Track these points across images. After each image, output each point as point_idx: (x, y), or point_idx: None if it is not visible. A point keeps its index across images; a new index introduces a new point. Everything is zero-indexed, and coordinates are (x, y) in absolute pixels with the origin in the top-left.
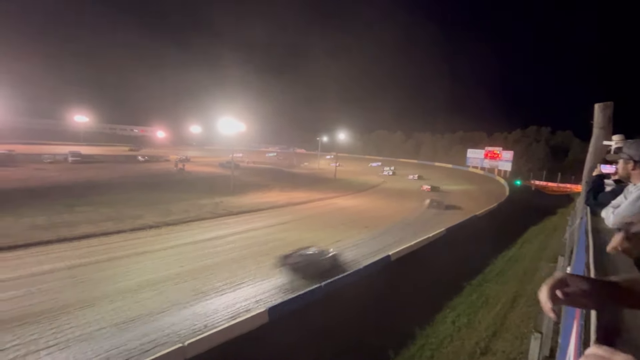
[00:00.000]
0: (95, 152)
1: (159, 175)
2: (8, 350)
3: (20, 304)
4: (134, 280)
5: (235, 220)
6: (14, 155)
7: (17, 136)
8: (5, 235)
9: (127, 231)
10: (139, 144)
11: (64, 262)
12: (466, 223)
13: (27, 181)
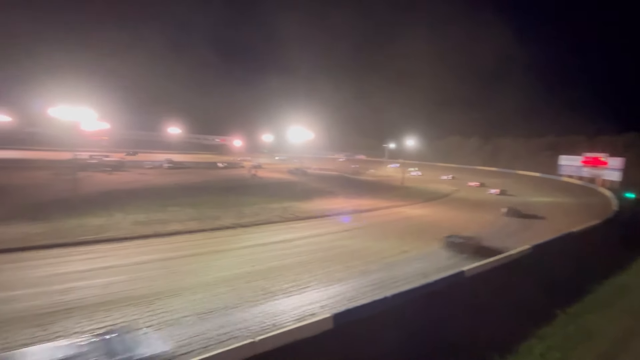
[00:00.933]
0: (184, 159)
1: (235, 180)
2: (117, 325)
3: (126, 288)
4: (212, 275)
5: (301, 225)
6: (124, 162)
7: (127, 146)
8: (117, 229)
9: (207, 230)
10: (219, 152)
11: (159, 255)
12: (559, 240)
13: (133, 184)
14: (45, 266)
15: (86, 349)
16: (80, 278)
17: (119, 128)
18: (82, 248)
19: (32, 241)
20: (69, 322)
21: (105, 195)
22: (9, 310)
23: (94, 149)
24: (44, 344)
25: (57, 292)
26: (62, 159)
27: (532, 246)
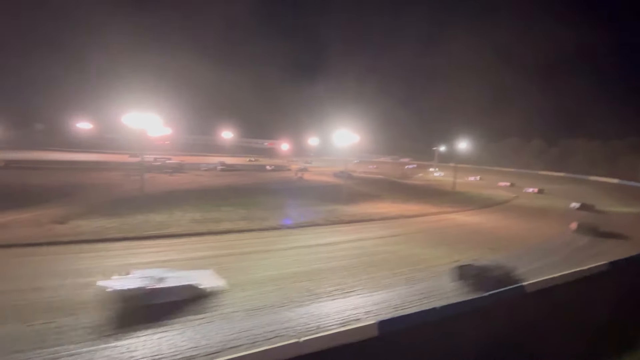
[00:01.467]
0: (236, 162)
1: (282, 183)
2: (175, 314)
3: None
4: (260, 274)
5: (346, 229)
6: (183, 164)
7: (186, 149)
8: (176, 226)
9: (256, 230)
10: (265, 155)
11: (212, 252)
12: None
13: (190, 184)
14: (116, 257)
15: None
16: (145, 269)
17: (180, 133)
18: (147, 242)
19: (106, 234)
20: (135, 309)
21: (166, 195)
22: (85, 295)
23: (158, 152)
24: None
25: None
26: (131, 162)
27: (610, 262)
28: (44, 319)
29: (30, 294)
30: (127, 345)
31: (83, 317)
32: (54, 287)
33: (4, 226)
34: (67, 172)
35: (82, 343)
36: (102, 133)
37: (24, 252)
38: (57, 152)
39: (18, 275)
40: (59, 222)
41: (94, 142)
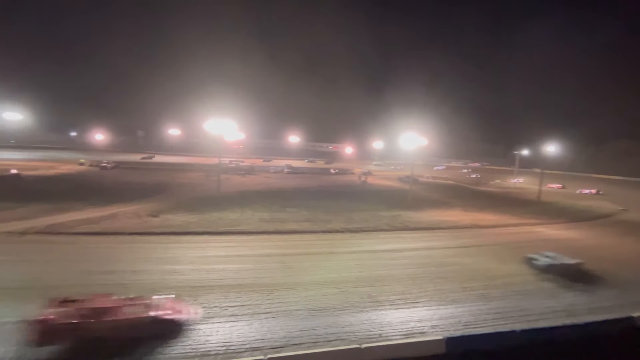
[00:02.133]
0: (301, 165)
1: (345, 186)
2: (245, 307)
3: (252, 275)
4: (322, 275)
5: (411, 236)
6: (254, 167)
7: (257, 152)
8: (247, 224)
9: (319, 232)
10: (330, 159)
11: (278, 250)
12: None
13: (259, 186)
14: (197, 248)
15: None
16: (219, 262)
17: (252, 137)
18: (221, 237)
19: (189, 227)
20: (210, 297)
21: (239, 195)
22: (172, 280)
23: (233, 156)
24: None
25: (204, 270)
26: (210, 164)
27: None
28: None
29: (130, 275)
30: (203, 330)
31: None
32: (148, 271)
33: (113, 217)
34: (160, 172)
35: None
36: (188, 138)
37: (126, 240)
38: (154, 154)
39: (122, 259)
40: (153, 215)
41: (181, 146)
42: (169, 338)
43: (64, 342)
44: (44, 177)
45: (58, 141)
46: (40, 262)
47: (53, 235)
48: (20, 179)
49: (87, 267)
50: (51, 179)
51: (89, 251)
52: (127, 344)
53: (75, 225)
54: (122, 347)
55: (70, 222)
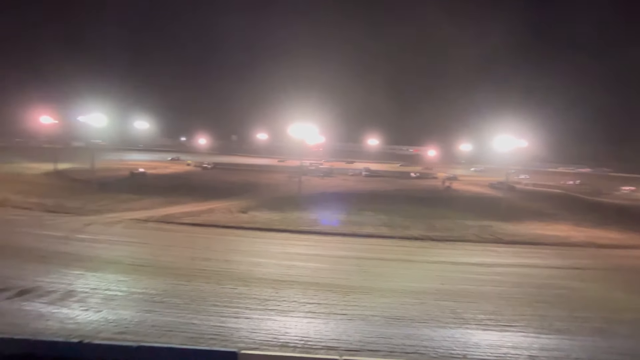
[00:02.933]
0: (380, 168)
1: (427, 191)
2: (321, 305)
3: (328, 275)
4: (399, 283)
5: (505, 250)
6: (333, 169)
7: (336, 155)
8: (316, 225)
9: (397, 238)
10: (412, 162)
11: (354, 253)
12: None
13: (337, 188)
14: (279, 245)
15: None
16: (299, 259)
17: (331, 140)
18: (301, 235)
19: (273, 225)
20: (290, 292)
21: (318, 196)
22: (257, 272)
23: (313, 158)
24: None
25: (284, 266)
26: (292, 166)
27: None
28: (232, 285)
29: (223, 264)
30: (283, 322)
31: (256, 289)
32: (237, 262)
33: (210, 211)
34: (249, 173)
35: (254, 310)
36: (273, 142)
37: (220, 232)
38: (244, 157)
39: (217, 249)
40: (242, 211)
41: (267, 149)
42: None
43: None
44: (161, 175)
45: (172, 145)
46: (157, 245)
47: (166, 224)
48: (145, 176)
49: (190, 253)
50: (166, 177)
51: (191, 239)
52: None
53: (182, 216)
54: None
55: (179, 214)
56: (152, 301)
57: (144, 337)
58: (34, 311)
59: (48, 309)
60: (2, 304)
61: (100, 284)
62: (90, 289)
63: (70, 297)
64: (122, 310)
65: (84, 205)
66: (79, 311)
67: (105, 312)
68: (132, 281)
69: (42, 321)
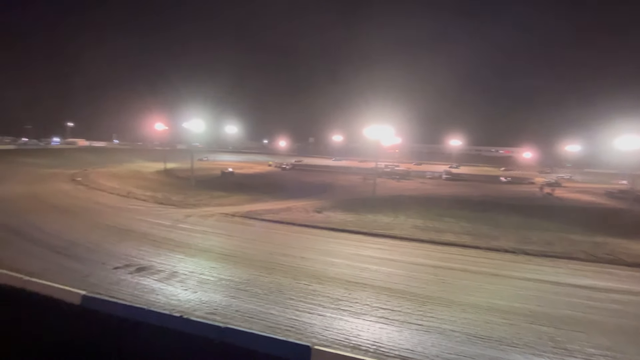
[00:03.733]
0: (463, 171)
1: (521, 198)
2: (395, 312)
3: (403, 282)
4: (485, 299)
5: (627, 274)
6: (409, 171)
7: (413, 157)
8: (399, 229)
9: (482, 248)
10: (502, 165)
11: (431, 261)
12: None
13: (414, 191)
14: (352, 246)
15: None
16: (372, 262)
17: (407, 141)
18: (374, 238)
19: (347, 226)
20: (362, 294)
21: (393, 199)
22: (330, 271)
23: (388, 160)
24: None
25: (357, 268)
26: (367, 167)
27: None
28: (306, 281)
29: (299, 260)
30: (355, 324)
31: (330, 288)
32: (312, 260)
33: (288, 209)
34: (325, 174)
35: (327, 308)
36: (349, 143)
37: (297, 230)
38: (320, 158)
39: (293, 245)
40: (317, 211)
41: (343, 151)
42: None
43: None
44: (246, 174)
45: (256, 147)
46: (242, 238)
47: (249, 219)
48: (233, 175)
49: (269, 248)
50: (250, 176)
51: (271, 235)
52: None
53: (264, 213)
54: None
55: (261, 211)
56: (236, 288)
57: (230, 320)
58: (148, 286)
59: (158, 285)
60: (126, 276)
61: (196, 268)
62: (188, 272)
63: (173, 277)
64: (212, 293)
65: (185, 199)
66: (180, 290)
67: (199, 294)
68: (221, 268)
69: (153, 295)
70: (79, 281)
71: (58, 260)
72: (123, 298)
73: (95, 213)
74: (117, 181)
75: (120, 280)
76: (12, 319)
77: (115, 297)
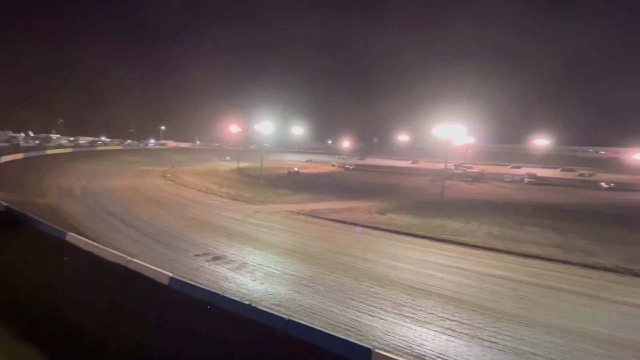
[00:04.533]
0: (549, 175)
1: (630, 208)
2: (464, 325)
3: (474, 293)
4: (577, 323)
5: None
6: (484, 173)
7: (488, 158)
8: (471, 236)
9: (575, 264)
10: (605, 168)
11: (509, 273)
12: None
13: (490, 195)
14: (417, 251)
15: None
16: (438, 269)
17: (482, 141)
18: (442, 244)
19: (411, 229)
20: (427, 302)
21: (464, 203)
22: (393, 275)
23: (459, 161)
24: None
25: (422, 274)
26: (435, 169)
27: None
28: (368, 283)
29: (361, 261)
30: (419, 332)
31: (392, 292)
32: (374, 262)
33: (351, 209)
34: (389, 175)
35: (389, 312)
36: (415, 143)
37: (359, 230)
38: (384, 159)
39: (355, 246)
40: (380, 213)
41: (408, 151)
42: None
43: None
44: (310, 174)
45: (320, 147)
46: (305, 236)
47: (313, 217)
48: (299, 175)
49: (332, 247)
50: (315, 176)
51: (333, 234)
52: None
53: (327, 212)
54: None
55: (324, 210)
56: (300, 283)
57: (293, 313)
58: (222, 273)
59: (230, 274)
60: (204, 264)
61: (263, 261)
62: (257, 264)
63: (244, 267)
64: (278, 286)
65: (254, 196)
66: (249, 280)
67: (266, 285)
68: (286, 263)
69: (226, 282)
70: (166, 264)
71: (151, 244)
72: (201, 283)
73: (180, 205)
74: (197, 178)
75: (200, 266)
76: (119, 287)
77: (195, 281)
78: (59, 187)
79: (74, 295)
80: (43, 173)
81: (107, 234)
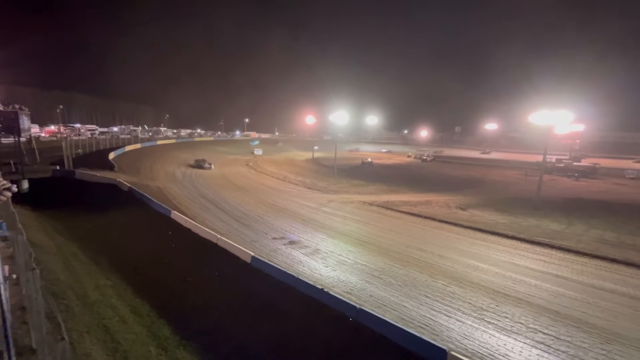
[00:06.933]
0: None
1: None
2: (561, 342)
3: (576, 307)
4: None
5: None
6: (597, 168)
7: (603, 150)
8: (575, 240)
9: None
10: None
11: (627, 288)
12: None
13: (603, 194)
14: (504, 252)
15: None
16: (531, 275)
17: (594, 129)
18: (535, 247)
19: (497, 228)
20: (515, 310)
21: (566, 202)
22: (473, 276)
23: (563, 153)
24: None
25: (510, 278)
26: (531, 161)
27: None
28: (444, 282)
29: (437, 258)
30: (503, 341)
31: (472, 294)
32: (452, 260)
33: (427, 203)
34: (472, 167)
35: (468, 315)
36: (506, 132)
37: (436, 225)
38: (468, 150)
39: (431, 241)
40: (461, 208)
41: (497, 141)
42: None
43: None
44: (384, 165)
45: (395, 137)
46: (378, 227)
47: (386, 209)
48: (372, 165)
49: (404, 240)
50: (389, 167)
51: (407, 227)
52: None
53: (401, 205)
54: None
55: (398, 202)
56: (371, 274)
57: (364, 303)
58: (297, 257)
59: (304, 258)
60: (281, 247)
61: (335, 249)
62: (329, 251)
63: (317, 253)
64: (349, 274)
65: (328, 186)
66: (321, 266)
67: (338, 272)
68: (357, 253)
69: (300, 266)
70: (249, 244)
71: (237, 226)
72: (278, 264)
73: (261, 192)
74: (276, 167)
75: (277, 248)
76: (210, 261)
77: (273, 262)
78: (165, 172)
79: (178, 263)
80: (154, 160)
81: (201, 213)
